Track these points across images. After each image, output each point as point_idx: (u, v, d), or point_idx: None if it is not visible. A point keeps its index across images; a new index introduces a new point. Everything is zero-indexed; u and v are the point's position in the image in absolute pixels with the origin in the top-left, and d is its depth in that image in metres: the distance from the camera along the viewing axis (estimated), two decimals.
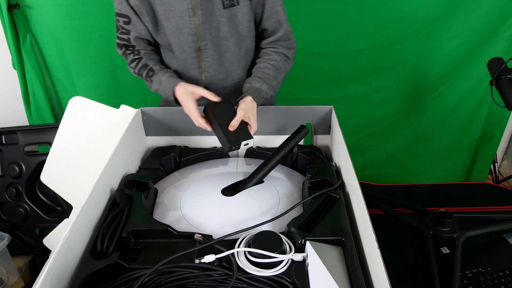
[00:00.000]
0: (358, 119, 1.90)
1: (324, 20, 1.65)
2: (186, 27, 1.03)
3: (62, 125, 1.15)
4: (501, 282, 0.91)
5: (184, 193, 0.95)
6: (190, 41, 1.05)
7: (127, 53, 1.13)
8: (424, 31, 1.66)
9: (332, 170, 0.94)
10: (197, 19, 1.01)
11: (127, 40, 1.09)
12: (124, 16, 1.05)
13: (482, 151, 1.99)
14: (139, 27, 1.07)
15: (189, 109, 0.98)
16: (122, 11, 1.04)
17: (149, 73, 1.10)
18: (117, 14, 1.06)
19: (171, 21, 1.02)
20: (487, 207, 1.18)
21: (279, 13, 1.07)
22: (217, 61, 1.11)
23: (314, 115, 1.12)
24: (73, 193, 1.12)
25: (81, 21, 1.63)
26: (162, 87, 1.06)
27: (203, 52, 1.08)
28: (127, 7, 1.03)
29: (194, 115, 0.97)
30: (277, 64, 1.10)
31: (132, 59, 1.12)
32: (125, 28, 1.07)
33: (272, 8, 1.06)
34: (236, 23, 1.05)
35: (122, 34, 1.09)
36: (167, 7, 1.01)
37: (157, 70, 1.09)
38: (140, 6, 1.01)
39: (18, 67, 1.69)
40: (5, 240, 1.50)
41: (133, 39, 1.09)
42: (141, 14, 1.03)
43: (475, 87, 1.79)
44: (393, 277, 0.56)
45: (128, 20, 1.05)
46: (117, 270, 0.71)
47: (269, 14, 1.06)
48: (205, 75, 1.13)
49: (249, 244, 0.72)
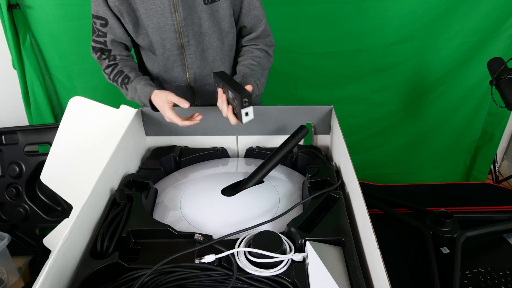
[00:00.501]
0: (358, 119, 1.90)
1: (324, 20, 1.65)
2: (168, 24, 1.02)
3: (62, 125, 1.15)
4: (501, 282, 0.91)
5: (184, 193, 0.95)
6: (173, 38, 1.05)
7: (102, 58, 1.11)
8: (424, 31, 1.66)
9: (332, 170, 0.94)
10: (178, 15, 1.01)
11: (103, 43, 1.07)
12: (100, 18, 1.03)
13: (482, 151, 1.99)
14: (116, 30, 1.05)
15: (169, 118, 0.98)
16: (99, 13, 1.03)
17: (124, 80, 1.08)
18: (93, 16, 1.04)
19: (152, 19, 1.02)
20: (487, 207, 1.18)
21: (257, 8, 1.07)
22: (200, 58, 1.10)
23: (314, 115, 1.12)
24: (73, 193, 1.12)
25: (81, 21, 1.63)
26: (138, 95, 1.05)
27: (186, 49, 1.07)
28: (105, 9, 1.02)
29: (176, 121, 0.97)
30: (261, 61, 1.10)
31: (107, 65, 1.11)
32: (102, 31, 1.05)
33: (250, 4, 1.06)
34: (218, 19, 1.05)
35: (98, 37, 1.07)
36: (148, 5, 1.00)
37: (132, 77, 1.07)
38: (120, 7, 1.00)
39: (18, 67, 1.69)
40: (5, 240, 1.50)
41: (110, 42, 1.07)
42: (121, 15, 1.02)
43: (475, 87, 1.79)
44: (393, 277, 0.56)
45: (105, 22, 1.04)
46: (117, 270, 0.71)
47: (247, 10, 1.06)
48: (188, 73, 1.13)
49: (249, 244, 0.72)
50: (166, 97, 0.97)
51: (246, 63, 1.08)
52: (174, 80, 1.15)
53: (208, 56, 1.11)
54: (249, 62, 1.08)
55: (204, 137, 1.15)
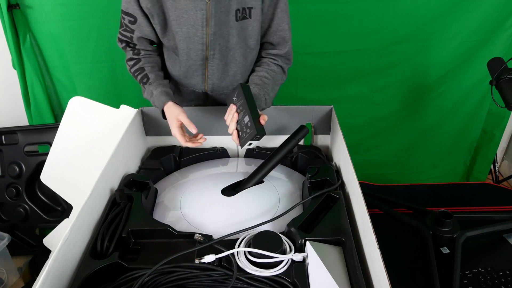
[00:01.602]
0: (358, 119, 1.90)
1: (324, 20, 1.65)
2: (197, 36, 1.01)
3: (62, 125, 1.15)
4: (501, 282, 0.91)
5: (184, 193, 0.95)
6: (199, 49, 1.04)
7: (127, 49, 1.11)
8: (424, 31, 1.66)
9: (332, 170, 0.94)
10: (209, 29, 1.00)
11: (129, 38, 1.08)
12: (130, 15, 1.03)
13: (482, 151, 1.99)
14: (144, 28, 1.05)
15: (174, 135, 0.98)
16: (129, 10, 1.02)
17: (143, 79, 1.08)
18: (123, 12, 1.04)
19: (182, 27, 1.01)
20: (487, 207, 1.18)
21: (285, 30, 1.07)
22: (222, 71, 1.10)
23: (314, 115, 1.12)
24: (73, 193, 1.12)
25: (81, 21, 1.63)
26: (153, 99, 1.05)
27: (210, 61, 1.07)
28: (136, 8, 1.01)
29: (179, 140, 0.97)
30: (276, 76, 1.10)
31: (130, 57, 1.10)
32: (130, 27, 1.05)
33: (279, 25, 1.05)
34: (246, 36, 1.05)
35: (125, 31, 1.07)
36: (180, 13, 0.99)
37: (151, 79, 1.07)
38: (152, 9, 1.00)
39: (18, 67, 1.69)
40: (5, 240, 1.50)
41: (136, 39, 1.07)
42: (151, 16, 1.02)
43: (475, 87, 1.78)
44: (393, 277, 0.56)
45: (134, 20, 1.03)
46: (117, 270, 0.71)
47: (275, 30, 1.06)
48: (207, 83, 1.13)
49: (249, 244, 0.72)
50: (177, 115, 0.97)
51: (261, 74, 1.08)
52: (191, 86, 1.15)
53: (230, 70, 1.11)
54: (264, 74, 1.08)
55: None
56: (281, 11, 1.03)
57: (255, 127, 0.83)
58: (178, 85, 1.18)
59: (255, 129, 0.82)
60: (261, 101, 1.01)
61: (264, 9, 1.01)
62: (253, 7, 0.99)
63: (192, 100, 1.20)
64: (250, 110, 0.86)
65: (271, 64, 1.10)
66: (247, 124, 0.85)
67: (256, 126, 0.83)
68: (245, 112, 0.86)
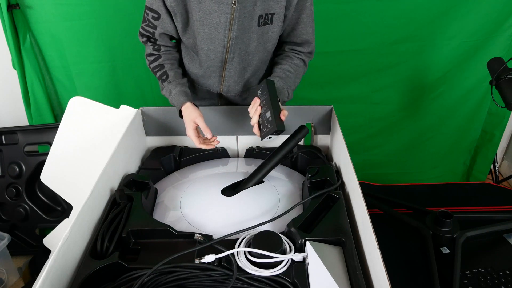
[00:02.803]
0: (358, 119, 1.90)
1: (324, 20, 1.64)
2: (219, 38, 1.02)
3: (62, 125, 1.15)
4: (501, 282, 0.91)
5: (184, 193, 0.95)
6: (219, 52, 1.05)
7: (148, 44, 1.11)
8: (424, 31, 1.66)
9: (332, 170, 0.94)
10: (232, 33, 1.00)
11: (151, 34, 1.07)
12: (154, 12, 1.03)
13: (482, 151, 1.99)
14: (167, 25, 1.05)
15: (189, 135, 1.01)
16: (153, 6, 1.02)
17: (162, 76, 1.09)
18: (147, 8, 1.04)
19: (204, 28, 1.01)
20: (487, 207, 1.18)
21: (309, 34, 1.08)
22: (239, 74, 1.11)
23: (314, 115, 1.12)
24: (73, 193, 1.12)
25: (81, 21, 1.63)
26: (171, 98, 1.06)
27: (228, 63, 1.08)
28: (160, 5, 1.01)
29: (194, 141, 1.00)
30: (298, 69, 1.11)
31: (150, 53, 1.10)
32: (152, 23, 1.05)
33: (303, 29, 1.06)
34: (265, 41, 1.05)
35: (148, 26, 1.06)
36: (204, 14, 0.99)
37: (171, 77, 1.07)
38: (176, 7, 1.00)
39: (18, 67, 1.69)
40: (5, 240, 1.50)
41: (158, 35, 1.07)
42: (174, 15, 1.02)
43: (475, 87, 1.78)
44: (393, 277, 0.56)
45: (158, 16, 1.03)
46: (117, 270, 0.71)
47: (299, 33, 1.07)
48: (223, 85, 1.14)
49: (249, 244, 0.72)
50: (194, 118, 0.99)
51: (284, 68, 1.09)
52: (207, 86, 1.16)
53: (246, 73, 1.12)
54: (287, 68, 1.09)
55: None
56: (307, 17, 1.04)
57: (276, 123, 0.87)
58: (194, 83, 1.18)
59: (275, 124, 0.87)
60: (284, 95, 1.03)
61: (288, 15, 1.02)
62: (275, 13, 0.99)
63: (205, 99, 1.21)
64: (272, 106, 0.90)
65: (294, 58, 1.11)
66: (269, 119, 0.89)
67: (276, 122, 0.87)
68: (268, 107, 0.91)
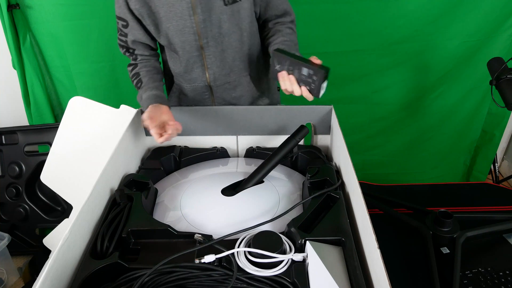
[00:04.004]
0: (358, 119, 1.90)
1: (324, 20, 1.65)
2: (187, 26, 1.02)
3: (62, 125, 1.15)
4: (501, 282, 0.91)
5: (184, 193, 0.95)
6: (192, 40, 1.05)
7: (127, 55, 1.15)
8: (424, 31, 1.66)
9: (332, 170, 0.94)
10: (197, 17, 1.01)
11: (125, 42, 1.11)
12: (122, 20, 1.06)
13: (482, 151, 1.99)
14: (136, 32, 1.07)
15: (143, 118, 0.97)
16: (120, 14, 1.05)
17: (137, 84, 1.10)
18: (117, 17, 1.07)
19: (171, 22, 1.02)
20: (487, 207, 1.18)
21: (284, 3, 1.09)
22: (220, 58, 1.11)
23: (314, 115, 1.12)
24: (73, 193, 1.12)
25: (81, 21, 1.63)
26: (142, 103, 1.06)
27: (205, 50, 1.08)
28: (126, 11, 1.03)
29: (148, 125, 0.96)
30: (292, 37, 1.11)
31: (130, 63, 1.14)
32: (123, 31, 1.08)
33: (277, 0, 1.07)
34: (238, 20, 1.05)
35: (121, 36, 1.10)
36: (168, 8, 1.01)
37: (144, 83, 1.09)
38: (141, 10, 1.02)
39: (18, 67, 1.69)
40: (5, 240, 1.50)
41: (131, 42, 1.10)
42: (142, 18, 1.04)
43: (475, 87, 1.79)
44: (393, 277, 0.56)
45: (126, 24, 1.06)
46: (117, 270, 0.71)
47: (275, 5, 1.08)
48: (208, 73, 1.13)
49: (249, 244, 0.72)
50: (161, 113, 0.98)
51: (279, 40, 1.07)
52: (194, 81, 1.16)
53: (228, 56, 1.11)
54: (283, 39, 1.07)
55: (204, 137, 1.15)
56: None
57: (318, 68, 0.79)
58: (182, 83, 1.18)
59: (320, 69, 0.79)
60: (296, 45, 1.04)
61: None
62: None
63: (199, 101, 1.21)
64: (301, 61, 0.82)
65: (283, 28, 1.11)
66: (309, 73, 0.82)
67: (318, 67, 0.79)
68: (298, 67, 0.83)
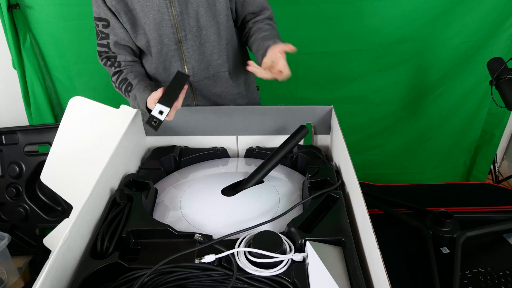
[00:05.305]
0: (358, 119, 1.90)
1: (324, 20, 1.65)
2: (165, 19, 1.02)
3: (62, 125, 1.15)
4: (501, 282, 0.91)
5: (184, 193, 0.94)
6: (170, 33, 1.05)
7: (108, 64, 1.11)
8: (424, 31, 1.66)
9: (332, 170, 0.94)
10: (174, 10, 1.01)
11: (106, 46, 1.08)
12: (102, 20, 1.04)
13: (482, 151, 1.99)
14: (118, 30, 1.06)
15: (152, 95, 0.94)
16: (100, 14, 1.04)
17: (127, 88, 1.08)
18: (95, 19, 1.05)
19: (148, 16, 1.02)
20: (487, 207, 1.18)
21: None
22: (198, 52, 1.11)
23: (314, 115, 1.12)
24: (73, 193, 1.12)
25: (81, 21, 1.63)
26: (137, 103, 1.04)
27: (184, 43, 1.08)
28: (105, 10, 1.02)
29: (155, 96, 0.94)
30: (273, 31, 1.11)
31: (113, 72, 1.11)
32: (104, 32, 1.06)
33: None
34: (215, 13, 1.05)
35: (101, 39, 1.08)
36: (144, 2, 1.00)
37: (134, 84, 1.07)
38: (117, 6, 1.01)
39: (18, 67, 1.69)
40: (5, 240, 1.50)
41: (113, 45, 1.08)
42: (119, 14, 1.03)
43: (475, 87, 1.79)
44: (393, 277, 0.56)
45: (107, 23, 1.04)
46: (117, 270, 0.71)
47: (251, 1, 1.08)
48: (187, 67, 1.13)
49: (249, 244, 0.72)
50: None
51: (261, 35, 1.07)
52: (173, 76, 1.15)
53: (206, 50, 1.12)
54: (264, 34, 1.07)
55: (204, 137, 1.15)
56: None
57: None
58: (162, 84, 1.17)
59: None
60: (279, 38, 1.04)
61: None
62: None
63: None
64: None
65: (262, 25, 1.11)
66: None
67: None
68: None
